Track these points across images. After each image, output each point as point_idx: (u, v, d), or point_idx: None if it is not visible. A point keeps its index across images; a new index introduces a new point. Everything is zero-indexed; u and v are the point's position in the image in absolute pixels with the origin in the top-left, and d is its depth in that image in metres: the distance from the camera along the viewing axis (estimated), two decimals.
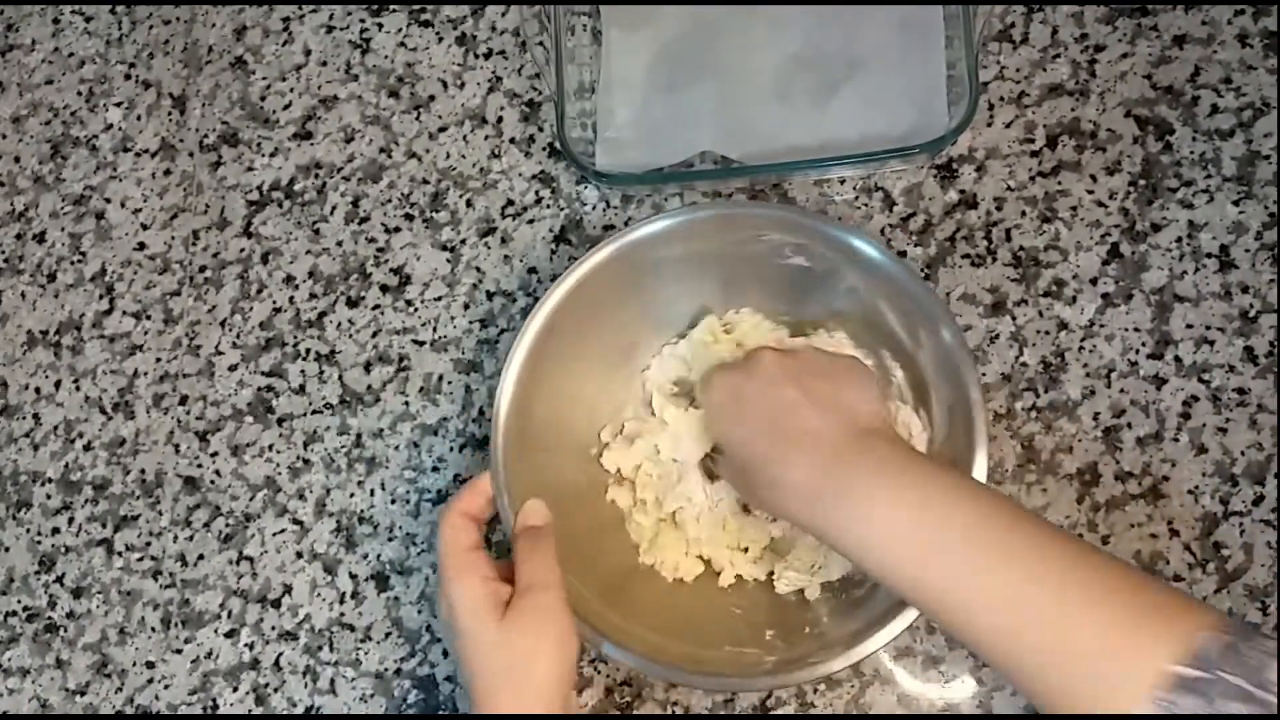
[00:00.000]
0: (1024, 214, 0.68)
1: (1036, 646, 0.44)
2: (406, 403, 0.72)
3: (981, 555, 0.46)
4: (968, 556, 0.46)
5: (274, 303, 0.75)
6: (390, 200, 0.76)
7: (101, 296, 0.78)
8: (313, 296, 0.75)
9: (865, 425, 0.52)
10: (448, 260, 0.74)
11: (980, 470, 0.56)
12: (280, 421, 0.73)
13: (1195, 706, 0.39)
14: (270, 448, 0.73)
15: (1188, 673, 0.39)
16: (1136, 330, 0.65)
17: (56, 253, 0.79)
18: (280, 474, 0.73)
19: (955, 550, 0.46)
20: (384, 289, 0.74)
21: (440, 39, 0.78)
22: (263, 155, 0.78)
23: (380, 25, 0.79)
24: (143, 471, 0.74)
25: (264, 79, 0.79)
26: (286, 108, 0.78)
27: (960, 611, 0.46)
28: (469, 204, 0.75)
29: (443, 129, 0.76)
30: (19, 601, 0.74)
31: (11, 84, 0.83)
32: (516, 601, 0.53)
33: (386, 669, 0.68)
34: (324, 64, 0.79)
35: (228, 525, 0.72)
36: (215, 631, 0.71)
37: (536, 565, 0.55)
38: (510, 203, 0.74)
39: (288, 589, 0.71)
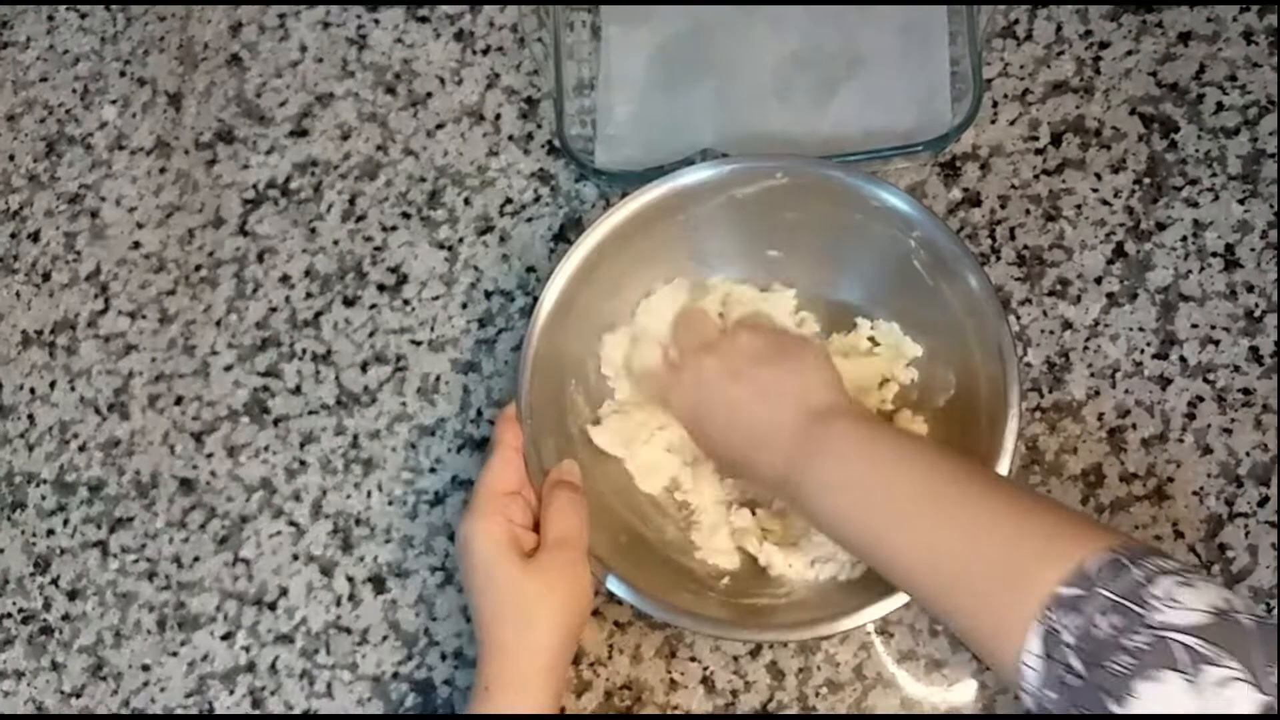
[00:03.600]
0: (1028, 212, 0.67)
1: (949, 581, 0.47)
2: (404, 403, 0.72)
3: (909, 505, 0.49)
4: (898, 508, 0.50)
5: (270, 302, 0.75)
6: (387, 198, 0.75)
7: (96, 296, 0.77)
8: (309, 296, 0.75)
9: (818, 404, 0.55)
10: (445, 259, 0.74)
11: (1014, 416, 0.56)
12: (276, 422, 0.73)
13: (1074, 623, 0.40)
14: (266, 449, 0.73)
15: (1068, 592, 0.41)
16: (1141, 330, 0.65)
17: (51, 252, 0.79)
18: (276, 475, 0.72)
19: (890, 505, 0.50)
20: (381, 288, 0.74)
21: (438, 35, 0.77)
22: (258, 153, 0.78)
23: (377, 21, 0.78)
24: (138, 472, 0.74)
25: (260, 76, 0.79)
26: (282, 105, 0.78)
27: (892, 558, 0.49)
28: (467, 202, 0.74)
29: (440, 126, 0.76)
30: (14, 603, 0.73)
31: (6, 81, 0.83)
32: (543, 553, 0.56)
33: (384, 672, 0.68)
34: (320, 60, 0.78)
35: (223, 527, 0.72)
36: (211, 634, 0.70)
37: (569, 523, 0.57)
38: (509, 201, 0.74)
39: (284, 591, 0.70)
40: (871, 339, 0.65)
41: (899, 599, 0.55)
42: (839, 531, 0.53)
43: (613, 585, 0.58)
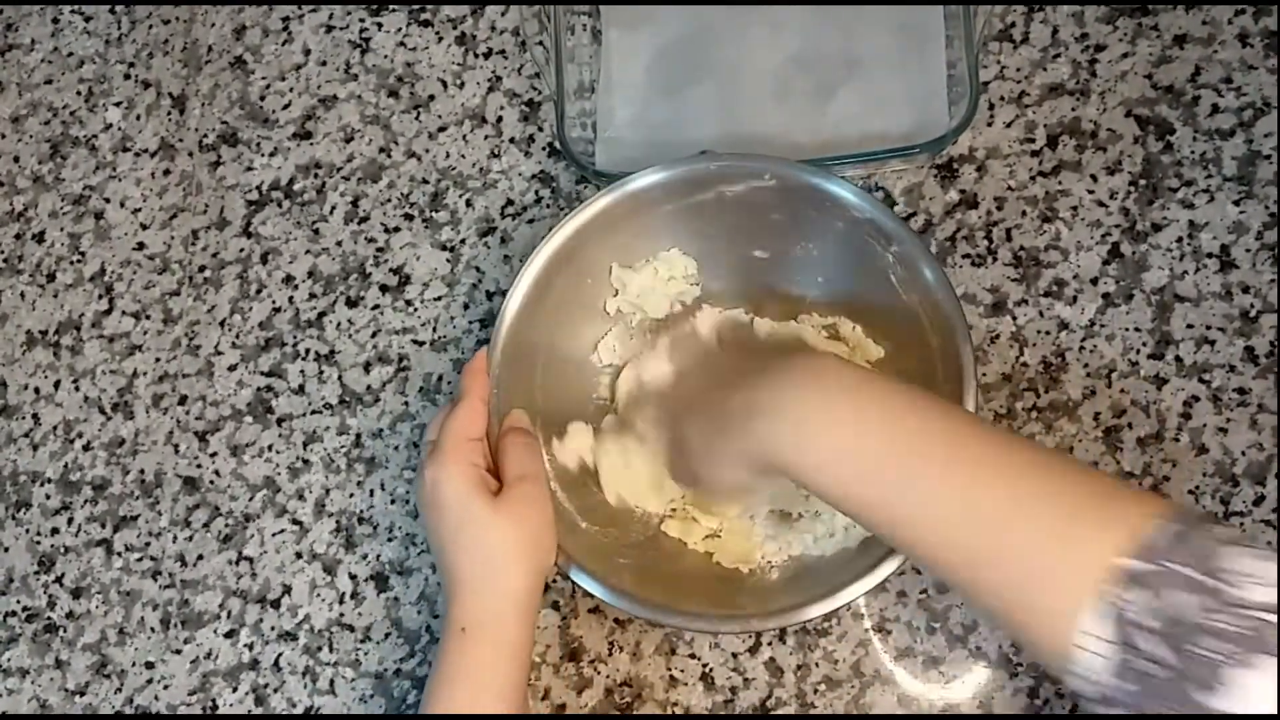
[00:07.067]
0: (1024, 214, 0.68)
1: (986, 554, 0.41)
2: (406, 403, 0.72)
3: (931, 467, 0.43)
4: (916, 470, 0.43)
5: (273, 303, 0.75)
6: (390, 200, 0.76)
7: (101, 296, 0.78)
8: (312, 296, 0.75)
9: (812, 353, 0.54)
10: (447, 260, 0.74)
11: (970, 400, 0.56)
12: (280, 421, 0.73)
13: (1142, 600, 0.36)
14: (270, 448, 0.73)
15: (1135, 566, 0.37)
16: (1137, 330, 0.65)
17: (56, 252, 0.79)
18: (280, 474, 0.72)
19: (902, 464, 0.44)
20: (383, 289, 0.74)
21: (440, 38, 0.78)
22: (262, 155, 0.78)
23: (380, 25, 0.79)
24: (142, 472, 0.74)
25: (263, 79, 0.79)
26: (286, 107, 0.78)
27: (912, 528, 0.44)
28: (469, 204, 0.75)
29: (442, 129, 0.76)
30: (18, 602, 0.73)
31: (11, 84, 0.83)
32: (508, 490, 0.57)
33: (386, 669, 0.68)
34: (323, 64, 0.79)
35: (227, 525, 0.72)
36: (215, 632, 0.71)
37: (525, 458, 0.59)
38: (510, 202, 0.74)
39: (287, 589, 0.71)
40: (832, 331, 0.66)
41: (878, 575, 0.55)
42: (824, 482, 0.46)
43: (576, 576, 0.58)
